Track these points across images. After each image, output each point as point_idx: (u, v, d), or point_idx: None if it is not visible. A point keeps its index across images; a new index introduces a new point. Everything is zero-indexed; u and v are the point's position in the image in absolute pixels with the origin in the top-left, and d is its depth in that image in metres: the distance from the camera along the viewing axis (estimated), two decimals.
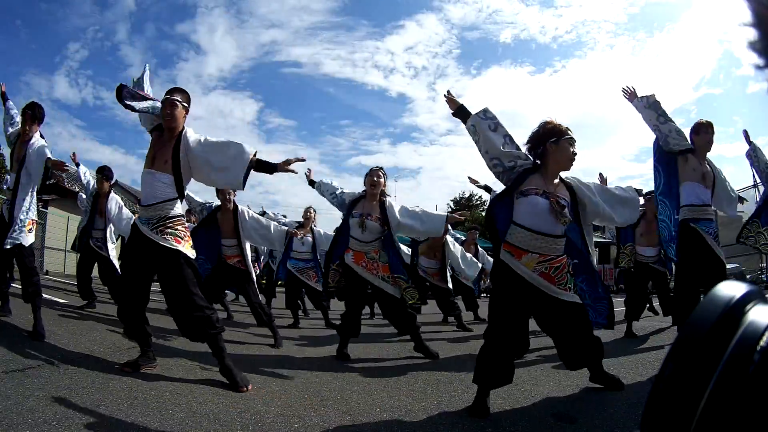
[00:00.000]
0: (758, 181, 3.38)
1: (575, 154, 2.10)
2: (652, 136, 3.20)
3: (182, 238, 2.36)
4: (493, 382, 1.99)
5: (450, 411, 2.00)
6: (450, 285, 4.97)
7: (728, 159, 28.63)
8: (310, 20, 71.02)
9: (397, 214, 3.17)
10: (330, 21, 71.55)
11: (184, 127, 2.40)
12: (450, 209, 29.74)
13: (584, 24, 58.62)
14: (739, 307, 0.39)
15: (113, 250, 4.73)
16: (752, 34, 0.44)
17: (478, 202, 29.73)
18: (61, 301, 4.82)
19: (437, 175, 53.90)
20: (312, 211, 5.04)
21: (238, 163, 2.34)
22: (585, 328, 2.09)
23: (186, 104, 2.43)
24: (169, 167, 2.33)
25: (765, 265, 9.58)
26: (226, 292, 5.27)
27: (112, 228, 4.70)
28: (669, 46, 62.51)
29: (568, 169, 2.13)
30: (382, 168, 3.25)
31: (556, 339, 2.15)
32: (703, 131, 3.10)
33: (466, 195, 30.64)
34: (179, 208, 2.42)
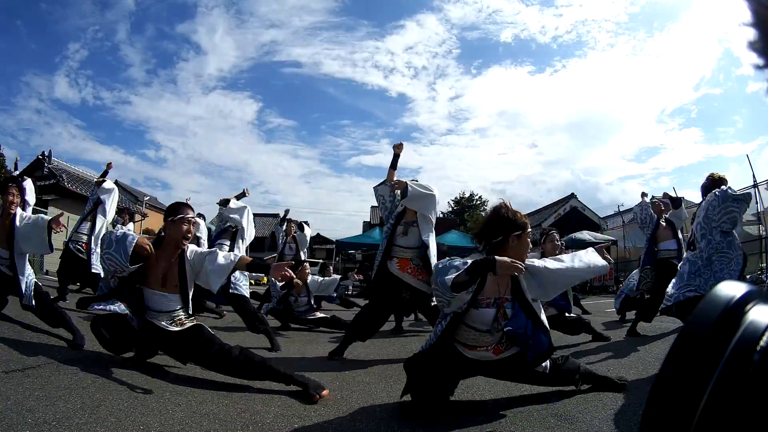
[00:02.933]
0: (758, 181, 3.34)
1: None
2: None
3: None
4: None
5: (449, 411, 2.00)
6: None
7: (729, 158, 28.70)
8: (310, 20, 71.19)
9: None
10: (330, 21, 71.74)
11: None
12: (450, 208, 29.77)
13: (584, 23, 58.76)
14: (739, 307, 0.39)
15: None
16: (752, 34, 0.44)
17: (478, 202, 29.73)
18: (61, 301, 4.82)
19: (437, 175, 53.97)
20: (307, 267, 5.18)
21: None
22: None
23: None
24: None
25: (765, 265, 9.57)
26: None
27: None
28: (669, 46, 62.59)
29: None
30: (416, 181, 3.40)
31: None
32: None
33: (466, 195, 30.61)
34: None
